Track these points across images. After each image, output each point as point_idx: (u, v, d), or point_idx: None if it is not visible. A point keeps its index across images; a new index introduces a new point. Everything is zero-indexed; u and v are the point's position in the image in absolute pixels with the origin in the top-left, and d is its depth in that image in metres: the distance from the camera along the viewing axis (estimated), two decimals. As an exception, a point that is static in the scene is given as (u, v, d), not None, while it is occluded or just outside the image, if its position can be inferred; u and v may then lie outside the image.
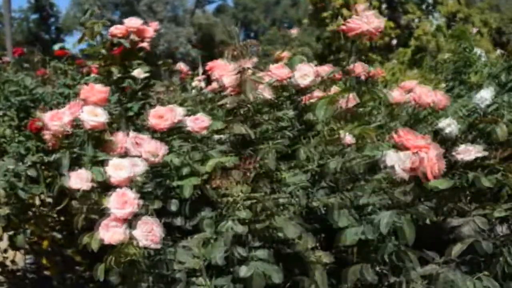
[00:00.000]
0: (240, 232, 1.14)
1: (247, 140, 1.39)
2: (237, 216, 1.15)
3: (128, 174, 1.18)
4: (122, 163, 1.19)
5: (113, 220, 1.13)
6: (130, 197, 1.14)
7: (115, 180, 1.17)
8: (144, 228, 1.12)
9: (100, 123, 1.32)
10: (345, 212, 1.32)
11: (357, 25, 1.15)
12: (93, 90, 1.37)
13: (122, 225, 1.13)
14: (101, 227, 1.14)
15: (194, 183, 1.47)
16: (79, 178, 1.17)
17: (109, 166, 1.19)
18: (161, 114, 1.47)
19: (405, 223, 1.08)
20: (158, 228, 1.14)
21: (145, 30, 1.88)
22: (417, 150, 1.02)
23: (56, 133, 1.32)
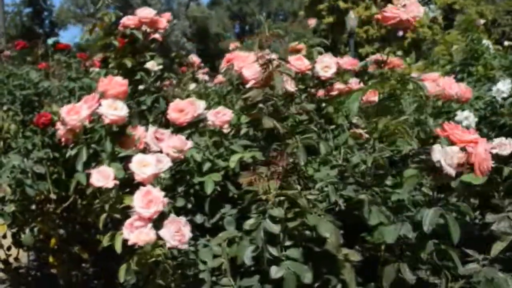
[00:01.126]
0: (274, 231, 1.08)
1: (273, 134, 1.33)
2: (269, 214, 1.09)
3: (153, 171, 1.12)
4: (147, 160, 1.12)
5: (138, 219, 1.08)
6: (155, 196, 1.09)
7: (140, 178, 1.11)
8: (172, 228, 1.07)
9: (120, 117, 1.26)
10: (376, 208, 1.27)
11: (395, 14, 1.09)
12: (112, 83, 1.30)
13: (147, 225, 1.07)
14: (125, 227, 1.08)
15: (215, 180, 1.42)
16: (101, 175, 1.11)
17: (132, 162, 1.12)
18: (182, 108, 1.41)
19: (450, 221, 1.03)
20: (186, 227, 1.08)
21: (158, 21, 1.81)
22: (465, 144, 0.97)
23: (74, 128, 1.26)
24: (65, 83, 2.48)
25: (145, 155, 1.14)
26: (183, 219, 1.09)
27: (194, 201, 1.49)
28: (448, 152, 0.96)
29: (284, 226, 1.10)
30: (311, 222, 1.12)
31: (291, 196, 1.10)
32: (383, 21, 1.13)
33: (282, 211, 1.08)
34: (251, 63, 1.58)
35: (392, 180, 1.42)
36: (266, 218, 1.10)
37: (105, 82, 1.31)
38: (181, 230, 1.07)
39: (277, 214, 1.08)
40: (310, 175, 1.30)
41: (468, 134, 0.99)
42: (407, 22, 1.12)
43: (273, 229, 1.08)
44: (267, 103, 1.28)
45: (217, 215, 1.47)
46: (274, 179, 1.13)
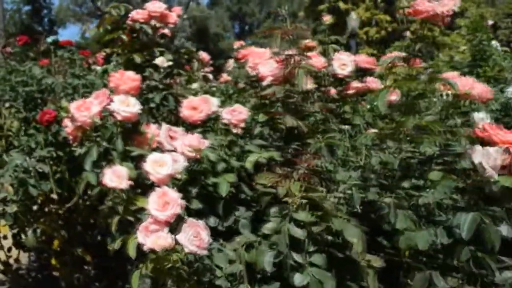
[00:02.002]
0: (298, 236, 1.01)
1: (292, 133, 1.26)
2: (293, 218, 1.02)
3: (169, 171, 1.05)
4: (163, 159, 1.06)
5: (153, 223, 1.01)
6: (172, 197, 1.02)
7: (155, 178, 1.05)
8: (190, 232, 1.00)
9: (133, 114, 1.19)
10: (402, 212, 1.21)
11: (428, 7, 1.02)
12: (124, 77, 1.24)
13: (163, 229, 1.01)
14: (139, 230, 1.01)
15: (230, 180, 1.35)
16: (115, 175, 1.04)
17: (147, 162, 1.05)
18: (195, 105, 1.34)
19: (489, 227, 0.97)
20: (205, 231, 1.01)
21: (168, 16, 1.75)
22: (508, 145, 0.91)
23: (84, 124, 1.19)
24: (69, 80, 2.41)
25: (161, 154, 1.08)
26: (202, 222, 1.02)
27: (207, 203, 1.42)
28: (490, 153, 0.90)
29: (309, 230, 1.03)
30: (337, 227, 1.05)
31: (316, 199, 1.04)
32: (414, 14, 1.06)
33: (308, 215, 1.01)
34: (267, 59, 1.52)
35: (409, 183, 1.36)
36: (290, 222, 1.03)
37: (116, 77, 1.25)
38: (200, 234, 1.00)
39: (303, 218, 1.01)
40: (332, 177, 1.23)
41: (510, 134, 0.92)
42: (441, 16, 1.05)
43: (298, 234, 1.02)
44: (288, 101, 1.21)
45: (231, 218, 1.41)
46: (297, 181, 1.06)
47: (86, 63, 2.98)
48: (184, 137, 1.21)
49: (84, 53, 3.27)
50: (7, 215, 2.20)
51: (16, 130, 2.28)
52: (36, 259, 3.18)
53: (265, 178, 1.23)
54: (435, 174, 1.26)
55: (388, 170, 1.38)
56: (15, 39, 2.89)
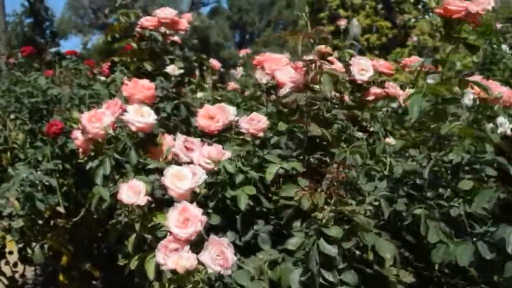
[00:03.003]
0: (330, 254, 0.95)
1: (315, 142, 1.20)
2: (324, 233, 0.95)
3: (190, 185, 0.98)
4: (182, 172, 0.99)
5: (173, 241, 0.94)
6: (193, 213, 0.95)
7: (175, 193, 0.98)
8: (213, 251, 0.93)
9: (148, 125, 1.13)
10: (433, 224, 1.14)
11: (461, 6, 0.96)
12: (138, 86, 1.17)
13: (183, 247, 0.94)
14: (158, 249, 0.95)
15: (249, 193, 1.28)
16: (132, 190, 0.97)
17: (166, 175, 0.99)
18: (212, 114, 1.28)
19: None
20: (229, 250, 0.94)
21: (179, 22, 1.69)
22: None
23: (96, 136, 1.12)
24: (75, 91, 2.35)
25: (180, 167, 1.01)
26: (226, 240, 0.95)
27: (224, 217, 1.35)
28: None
29: (339, 247, 0.96)
30: (370, 242, 0.98)
31: (347, 213, 0.97)
32: (445, 14, 1.00)
33: (340, 231, 0.94)
34: (284, 65, 1.46)
35: (437, 193, 1.29)
36: (320, 238, 0.97)
37: (130, 85, 1.18)
38: (224, 253, 0.93)
39: (335, 234, 0.94)
40: (358, 188, 1.16)
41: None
42: (475, 15, 0.99)
43: (329, 251, 0.95)
44: (311, 108, 1.15)
45: (250, 232, 1.34)
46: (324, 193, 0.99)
47: (91, 73, 2.94)
48: (201, 148, 1.15)
49: (88, 63, 3.22)
50: (13, 230, 2.14)
51: (21, 143, 2.23)
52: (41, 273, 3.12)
53: (289, 190, 1.17)
54: (466, 183, 1.19)
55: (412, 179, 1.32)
56: (19, 50, 2.85)
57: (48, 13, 18.60)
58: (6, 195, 2.07)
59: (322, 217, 0.95)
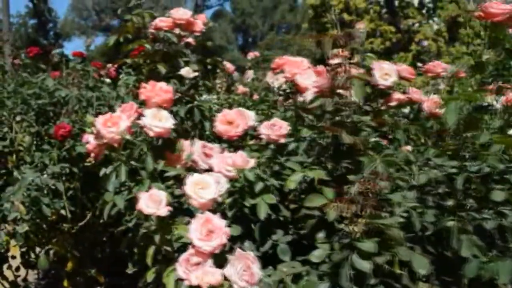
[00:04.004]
0: (363, 269, 0.88)
1: (341, 150, 1.14)
2: (358, 247, 0.89)
3: (213, 195, 0.92)
4: (205, 180, 0.93)
5: (195, 254, 0.88)
6: (217, 225, 0.89)
7: (197, 203, 0.92)
8: (239, 266, 0.87)
9: (166, 129, 1.07)
10: (466, 238, 1.08)
11: (503, 9, 0.90)
12: (156, 89, 1.12)
13: (206, 261, 0.88)
14: (179, 263, 0.89)
15: (269, 202, 1.22)
16: (152, 200, 0.91)
17: (188, 184, 0.93)
18: (231, 119, 1.22)
19: None
20: (255, 264, 0.88)
21: (194, 23, 1.63)
22: None
23: (111, 142, 1.07)
24: (83, 92, 2.30)
25: (202, 175, 0.95)
26: (251, 254, 0.89)
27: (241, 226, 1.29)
28: None
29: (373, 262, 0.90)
30: (404, 257, 0.92)
31: (381, 225, 0.91)
32: (486, 17, 0.94)
33: (374, 245, 0.88)
34: (305, 68, 1.41)
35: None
36: (353, 252, 0.90)
37: (148, 88, 1.13)
38: (250, 268, 0.87)
39: (369, 249, 0.88)
40: (387, 199, 1.10)
41: None
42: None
43: (363, 266, 0.89)
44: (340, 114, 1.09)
45: (268, 242, 1.28)
46: (355, 204, 0.93)
47: (97, 75, 2.88)
48: (223, 155, 1.09)
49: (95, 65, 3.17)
50: (18, 235, 2.08)
51: (27, 145, 2.17)
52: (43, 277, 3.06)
53: (315, 200, 1.11)
54: (498, 194, 1.13)
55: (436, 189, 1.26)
56: (26, 50, 2.79)
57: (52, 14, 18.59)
58: (11, 199, 2.01)
59: (355, 230, 0.89)
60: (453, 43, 16.24)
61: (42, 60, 3.07)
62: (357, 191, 0.95)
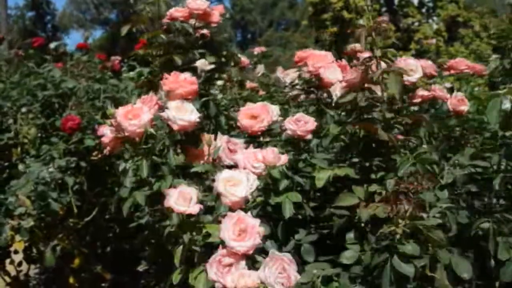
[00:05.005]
0: (407, 273, 0.84)
1: (371, 147, 1.09)
2: (401, 251, 0.84)
3: (246, 193, 0.87)
4: (237, 177, 0.88)
5: (228, 255, 0.83)
6: (250, 224, 0.84)
7: (229, 201, 0.87)
8: (274, 268, 0.82)
9: (191, 123, 1.02)
10: (503, 240, 1.04)
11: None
12: (180, 80, 1.06)
13: (239, 262, 0.83)
14: (210, 265, 0.83)
15: (294, 200, 1.17)
16: (182, 197, 0.86)
17: (219, 181, 0.88)
18: (256, 114, 1.17)
19: None
20: (292, 266, 0.83)
21: (211, 14, 1.57)
22: None
23: (132, 135, 1.01)
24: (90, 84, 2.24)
25: (233, 172, 0.90)
26: (288, 255, 0.84)
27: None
28: None
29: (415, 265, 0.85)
30: (445, 260, 0.87)
31: (422, 227, 0.86)
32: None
33: (417, 247, 0.83)
34: (329, 62, 1.36)
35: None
36: (394, 256, 0.86)
37: (171, 79, 1.07)
38: (286, 271, 0.82)
39: (411, 252, 0.83)
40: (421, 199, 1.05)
41: None
42: None
43: (406, 270, 0.84)
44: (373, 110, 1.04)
45: (291, 242, 1.23)
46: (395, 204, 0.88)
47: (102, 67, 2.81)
48: (248, 151, 1.04)
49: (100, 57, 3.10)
50: (23, 230, 2.02)
51: (33, 138, 2.11)
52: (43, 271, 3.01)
53: (346, 199, 1.07)
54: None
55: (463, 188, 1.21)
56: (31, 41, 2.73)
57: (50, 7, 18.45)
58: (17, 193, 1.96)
59: (396, 232, 0.84)
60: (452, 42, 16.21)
61: (44, 52, 2.99)
62: (393, 191, 0.90)
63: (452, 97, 1.55)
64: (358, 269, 1.01)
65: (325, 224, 1.28)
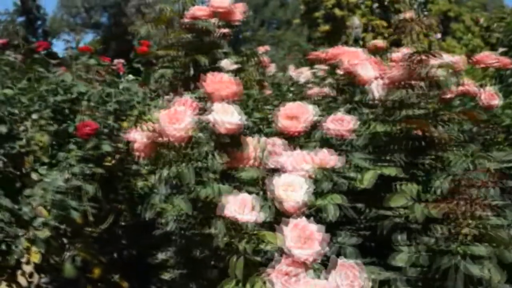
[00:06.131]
0: (479, 276, 0.80)
1: (421, 145, 1.05)
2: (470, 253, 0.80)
3: (306, 197, 0.83)
4: (295, 182, 0.84)
5: (292, 265, 0.79)
6: (313, 231, 0.80)
7: (289, 206, 0.82)
8: (343, 276, 0.77)
9: (238, 125, 0.97)
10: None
11: None
12: (224, 81, 1.01)
13: (305, 272, 0.78)
14: (273, 276, 0.79)
15: (338, 202, 1.13)
16: (242, 205, 0.81)
17: (276, 186, 0.83)
18: (295, 114, 1.12)
19: None
20: (362, 274, 0.79)
21: (234, 12, 1.52)
22: None
23: (177, 140, 0.96)
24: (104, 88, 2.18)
25: (291, 176, 0.85)
26: (358, 262, 0.80)
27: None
28: None
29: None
30: (509, 260, 0.84)
31: (489, 228, 0.82)
32: None
33: (488, 249, 0.79)
34: (364, 59, 1.32)
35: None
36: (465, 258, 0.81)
37: (212, 80, 1.02)
38: (356, 279, 0.77)
39: (482, 253, 0.79)
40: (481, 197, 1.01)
41: None
42: None
43: (476, 272, 0.80)
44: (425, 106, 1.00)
45: (334, 246, 1.19)
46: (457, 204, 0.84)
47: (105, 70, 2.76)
48: (297, 152, 0.99)
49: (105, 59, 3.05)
50: (38, 241, 1.96)
51: (46, 145, 2.05)
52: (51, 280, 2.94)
53: (398, 200, 1.02)
54: None
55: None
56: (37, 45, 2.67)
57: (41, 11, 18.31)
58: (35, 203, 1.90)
59: (463, 233, 0.80)
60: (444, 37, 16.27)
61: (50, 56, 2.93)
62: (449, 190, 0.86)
63: (483, 92, 1.52)
64: (415, 272, 0.97)
65: (367, 226, 1.24)
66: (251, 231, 0.81)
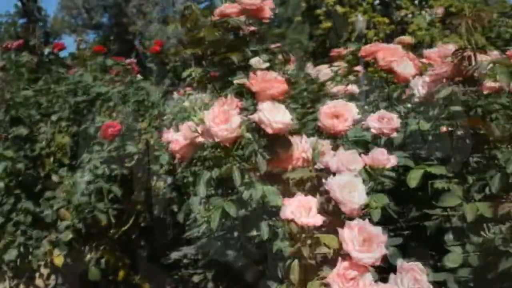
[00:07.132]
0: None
1: (468, 143, 1.03)
2: None
3: (365, 198, 0.81)
4: (353, 182, 0.81)
5: (352, 267, 0.76)
6: (374, 233, 0.78)
7: (349, 208, 0.80)
8: (406, 279, 0.75)
9: (286, 125, 0.95)
10: None
11: None
12: (271, 80, 0.99)
13: (365, 275, 0.76)
14: (333, 278, 0.76)
15: (382, 202, 1.11)
16: (303, 208, 0.79)
17: (335, 187, 0.81)
18: (338, 112, 1.10)
19: None
20: (425, 276, 0.77)
21: (264, 10, 1.50)
22: None
23: (225, 141, 0.94)
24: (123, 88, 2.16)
25: (346, 176, 0.83)
26: (419, 264, 0.78)
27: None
28: None
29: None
30: None
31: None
32: None
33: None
34: (401, 56, 1.29)
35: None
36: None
37: (259, 79, 1.00)
38: (419, 281, 0.75)
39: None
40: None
41: None
42: None
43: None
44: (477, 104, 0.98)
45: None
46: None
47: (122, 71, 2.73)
48: (348, 152, 0.97)
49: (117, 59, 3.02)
50: (61, 244, 1.95)
51: (68, 147, 2.03)
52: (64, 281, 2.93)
53: (450, 200, 1.00)
54: None
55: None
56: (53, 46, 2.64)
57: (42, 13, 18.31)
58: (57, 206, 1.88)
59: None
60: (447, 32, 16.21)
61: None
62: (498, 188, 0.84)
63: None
64: (466, 272, 0.95)
65: (410, 225, 1.22)
66: (311, 234, 0.79)
